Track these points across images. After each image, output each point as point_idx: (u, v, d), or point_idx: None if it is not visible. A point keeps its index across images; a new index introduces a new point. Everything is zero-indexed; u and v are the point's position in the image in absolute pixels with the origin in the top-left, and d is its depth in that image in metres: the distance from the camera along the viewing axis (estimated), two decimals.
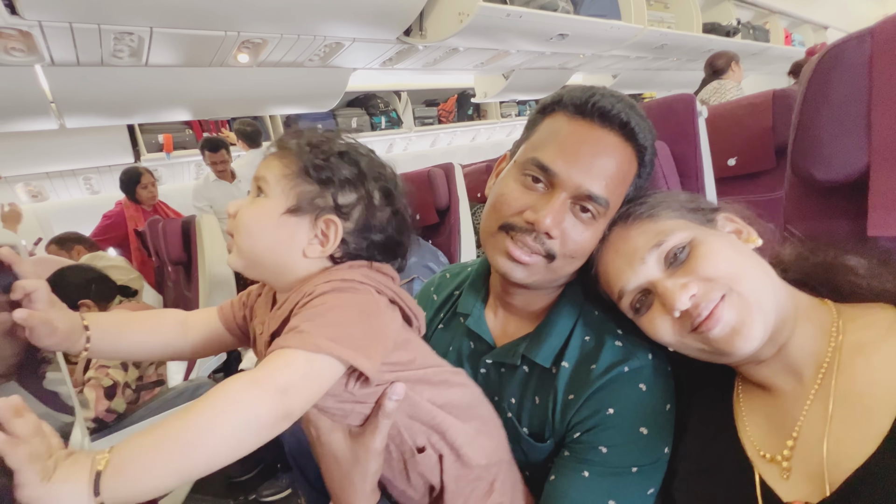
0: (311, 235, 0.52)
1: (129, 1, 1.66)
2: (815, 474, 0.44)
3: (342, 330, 0.45)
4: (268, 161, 0.54)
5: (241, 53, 2.31)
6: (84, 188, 3.59)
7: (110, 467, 0.35)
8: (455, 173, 1.65)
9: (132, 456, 0.36)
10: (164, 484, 0.37)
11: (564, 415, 0.59)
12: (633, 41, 3.22)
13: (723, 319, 0.48)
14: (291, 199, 0.51)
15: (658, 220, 0.56)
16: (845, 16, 5.51)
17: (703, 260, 0.50)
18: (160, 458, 0.37)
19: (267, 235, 0.51)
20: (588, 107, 0.57)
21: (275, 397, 0.40)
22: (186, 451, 0.37)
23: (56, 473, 0.34)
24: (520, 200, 0.59)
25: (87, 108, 2.37)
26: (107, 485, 0.34)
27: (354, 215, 0.53)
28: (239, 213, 0.52)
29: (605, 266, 0.58)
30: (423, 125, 4.91)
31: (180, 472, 0.37)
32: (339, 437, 0.55)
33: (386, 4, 2.18)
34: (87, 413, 1.37)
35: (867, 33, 0.52)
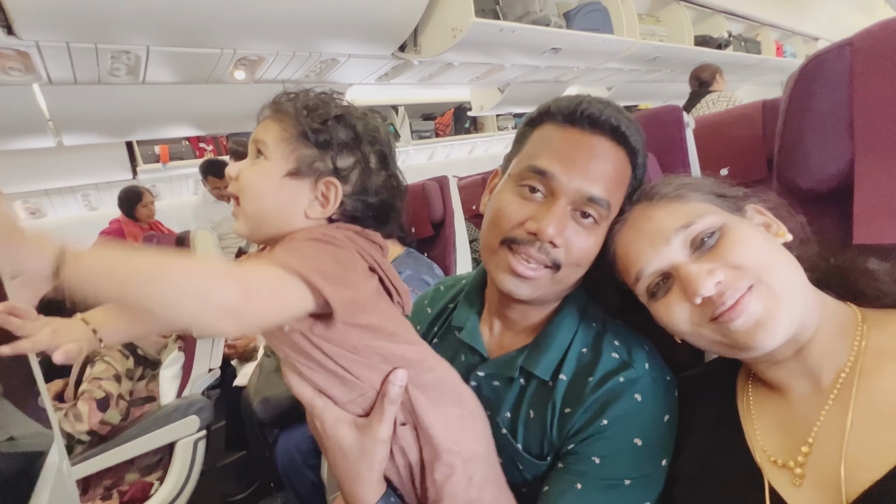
0: (312, 197, 0.53)
1: (125, 20, 1.68)
2: (830, 483, 0.42)
3: (315, 263, 0.46)
4: (265, 124, 0.54)
5: (237, 70, 2.34)
6: (82, 205, 3.60)
7: (72, 255, 0.36)
8: (450, 186, 1.65)
9: (98, 258, 0.37)
10: (105, 293, 0.38)
11: (561, 428, 0.58)
12: (625, 54, 3.26)
13: (747, 311, 0.45)
14: (291, 162, 0.52)
15: (686, 201, 0.53)
16: (835, 27, 5.60)
17: (734, 246, 0.48)
18: (120, 270, 0.38)
19: (270, 197, 0.52)
20: (577, 114, 0.58)
21: (237, 292, 0.40)
22: (140, 276, 0.38)
23: (25, 238, 0.35)
24: (519, 212, 0.58)
25: (85, 125, 2.39)
26: (65, 266, 0.35)
27: (352, 178, 0.54)
28: (241, 176, 0.53)
29: (625, 246, 0.55)
30: (420, 139, 4.95)
31: (124, 293, 0.38)
32: (345, 428, 0.54)
33: (380, 21, 2.21)
34: (80, 426, 1.36)
35: (847, 44, 0.52)
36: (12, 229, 0.35)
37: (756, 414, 0.52)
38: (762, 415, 0.51)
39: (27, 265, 0.35)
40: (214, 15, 1.80)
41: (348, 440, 0.54)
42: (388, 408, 0.53)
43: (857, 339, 0.46)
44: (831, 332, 0.47)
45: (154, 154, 3.43)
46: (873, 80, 0.50)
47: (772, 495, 0.46)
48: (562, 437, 0.58)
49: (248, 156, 0.55)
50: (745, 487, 0.48)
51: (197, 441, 1.56)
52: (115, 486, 1.46)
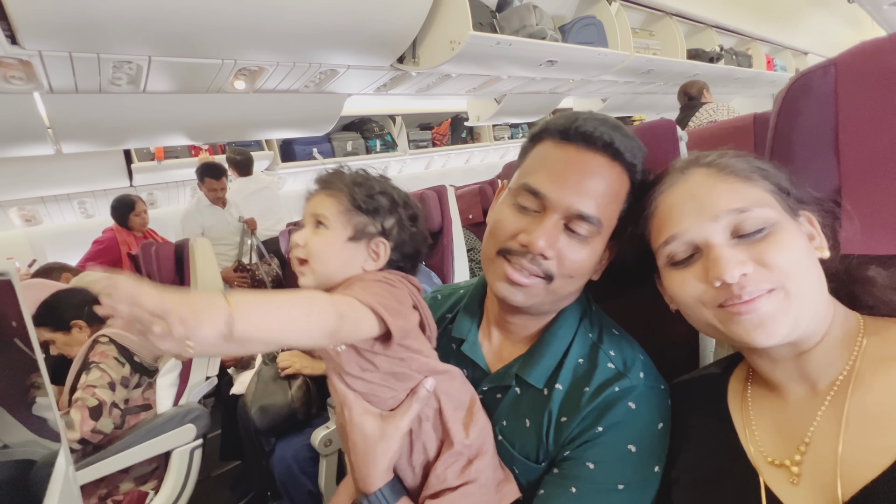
0: (366, 254, 0.65)
1: (128, 31, 1.70)
2: (826, 482, 0.44)
3: (380, 299, 0.57)
4: (320, 199, 0.66)
5: (237, 80, 2.36)
6: (78, 212, 3.59)
7: (240, 313, 0.41)
8: (447, 195, 1.67)
9: (252, 307, 0.43)
10: (267, 337, 0.44)
11: (558, 436, 0.60)
12: (620, 67, 3.32)
13: (758, 311, 0.46)
14: (350, 229, 0.64)
15: (753, 185, 0.50)
16: (824, 42, 5.73)
17: (776, 247, 0.47)
18: (269, 314, 0.45)
19: (335, 259, 0.64)
20: (571, 131, 0.60)
21: (335, 316, 0.51)
22: (284, 314, 0.46)
23: (195, 314, 0.38)
24: (514, 225, 0.61)
25: (84, 133, 2.40)
26: (239, 327, 0.40)
27: (393, 235, 0.67)
28: (309, 244, 0.64)
29: (670, 206, 0.53)
30: (417, 148, 4.99)
31: (274, 332, 0.45)
32: (371, 419, 0.61)
33: (380, 33, 2.25)
34: (72, 434, 1.35)
35: (831, 64, 0.54)
36: (198, 308, 0.39)
37: (754, 415, 0.53)
38: (760, 416, 0.53)
39: (204, 336, 0.38)
40: (216, 26, 1.82)
41: (371, 427, 0.61)
42: (414, 405, 0.61)
43: (857, 347, 0.47)
44: (835, 339, 0.48)
45: (149, 153, 3.43)
46: (857, 99, 0.52)
47: (768, 495, 0.47)
48: (558, 445, 0.60)
49: (307, 226, 0.66)
50: (740, 489, 0.49)
51: (193, 450, 1.55)
52: (109, 495, 1.45)
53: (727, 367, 0.60)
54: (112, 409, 1.43)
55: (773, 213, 0.48)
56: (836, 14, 5.04)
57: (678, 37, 3.64)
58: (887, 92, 0.50)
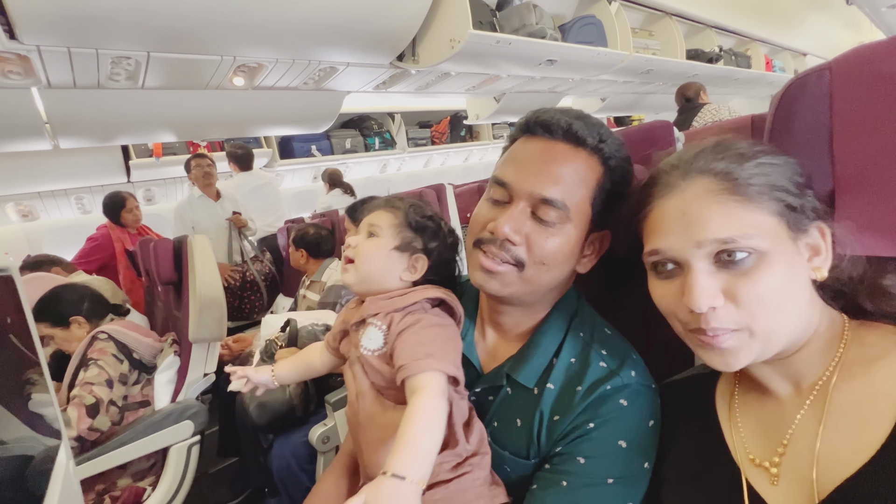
0: (406, 266, 0.72)
1: (127, 26, 1.70)
2: (804, 481, 0.45)
3: (441, 353, 0.63)
4: (379, 213, 0.74)
5: (236, 77, 2.36)
6: (76, 208, 3.58)
7: (420, 479, 0.51)
8: (447, 194, 1.67)
9: (422, 460, 0.53)
10: (431, 459, 0.55)
11: (550, 435, 0.61)
12: (619, 67, 3.32)
13: (720, 346, 0.47)
14: (398, 240, 0.71)
15: (751, 206, 0.46)
16: (823, 43, 5.74)
17: (753, 281, 0.45)
18: (428, 446, 0.55)
19: (379, 262, 0.71)
20: (531, 124, 0.63)
21: (442, 396, 0.60)
22: (433, 434, 0.56)
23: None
24: (486, 216, 0.64)
25: (82, 129, 2.39)
26: (410, 475, 0.50)
27: (433, 255, 0.73)
28: (360, 246, 0.72)
29: (661, 215, 0.51)
30: (416, 146, 4.99)
31: (434, 448, 0.56)
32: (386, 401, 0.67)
33: (380, 31, 2.25)
34: (69, 432, 1.35)
35: (826, 68, 0.55)
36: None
37: (741, 414, 0.54)
38: (746, 415, 0.54)
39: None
40: (215, 22, 1.82)
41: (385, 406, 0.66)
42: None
43: (840, 349, 0.48)
44: (819, 343, 0.49)
45: (147, 149, 3.42)
46: (851, 102, 0.53)
47: (750, 493, 0.48)
48: (550, 442, 0.61)
49: (361, 233, 0.74)
50: (724, 487, 0.50)
51: (191, 446, 1.56)
52: (107, 491, 1.45)
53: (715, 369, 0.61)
54: (109, 407, 1.44)
55: (764, 243, 0.45)
56: (835, 16, 5.06)
57: (678, 37, 3.65)
58: (881, 96, 0.51)
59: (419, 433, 0.55)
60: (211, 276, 1.68)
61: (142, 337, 1.65)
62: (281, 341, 1.55)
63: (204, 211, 3.09)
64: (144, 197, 3.77)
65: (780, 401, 0.51)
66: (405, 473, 0.50)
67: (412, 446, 0.54)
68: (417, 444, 0.54)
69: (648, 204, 0.54)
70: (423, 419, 0.56)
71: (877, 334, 0.48)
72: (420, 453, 0.53)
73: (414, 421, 0.56)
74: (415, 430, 0.55)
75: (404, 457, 0.52)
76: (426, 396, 0.58)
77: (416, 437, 0.55)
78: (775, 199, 0.47)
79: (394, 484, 0.49)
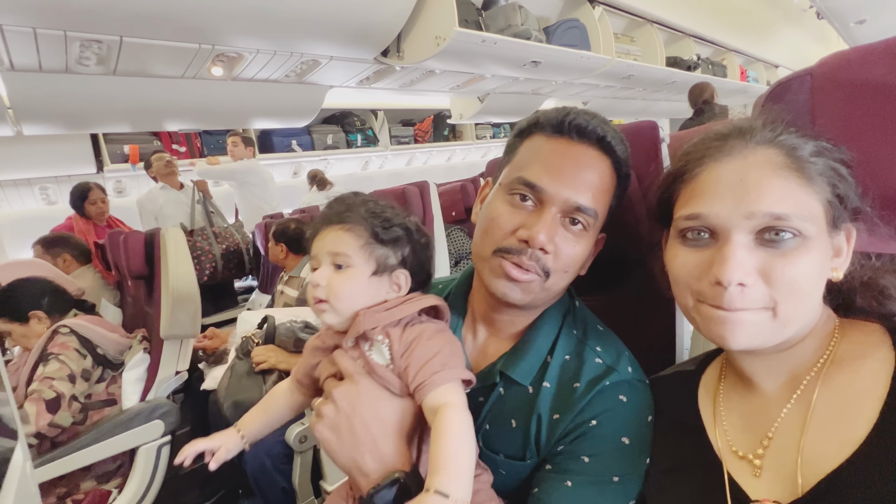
0: (389, 286, 0.65)
1: (98, 8, 1.62)
2: (787, 475, 0.45)
3: (453, 361, 0.60)
4: (337, 236, 0.62)
5: (215, 66, 2.29)
6: (40, 198, 3.41)
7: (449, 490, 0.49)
8: (430, 191, 1.66)
9: (459, 478, 0.51)
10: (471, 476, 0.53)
11: (551, 434, 0.60)
12: (601, 71, 3.37)
13: (738, 322, 0.45)
14: (372, 264, 0.62)
15: (811, 189, 0.45)
16: (794, 56, 5.97)
17: (791, 265, 0.44)
18: (466, 467, 0.53)
19: (362, 297, 0.62)
20: (565, 125, 0.60)
21: (467, 409, 0.57)
22: (468, 452, 0.54)
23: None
24: (511, 221, 0.60)
25: (48, 115, 2.28)
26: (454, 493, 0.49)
27: (409, 262, 0.66)
28: (331, 285, 0.61)
29: (714, 178, 0.48)
30: (399, 144, 4.95)
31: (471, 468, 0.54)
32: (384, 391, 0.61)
33: (365, 25, 2.22)
34: (27, 428, 1.28)
35: (808, 73, 0.56)
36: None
37: (724, 409, 0.55)
38: (730, 410, 0.54)
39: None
40: (194, 8, 1.76)
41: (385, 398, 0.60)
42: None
43: (830, 347, 0.49)
44: (814, 339, 0.50)
45: (123, 154, 3.30)
46: (831, 108, 0.54)
47: (731, 486, 0.49)
48: (551, 442, 0.60)
49: (324, 265, 0.63)
50: (706, 480, 0.51)
51: (161, 447, 1.50)
52: (69, 494, 1.39)
53: (701, 364, 0.62)
54: (71, 402, 1.37)
55: (811, 229, 0.44)
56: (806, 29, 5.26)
57: (658, 44, 3.73)
58: (860, 102, 0.52)
59: (456, 450, 0.53)
60: (185, 270, 1.62)
61: (107, 332, 1.58)
62: (258, 338, 1.51)
63: (166, 201, 3.04)
64: (115, 189, 3.63)
65: (765, 396, 0.52)
66: (449, 492, 0.48)
67: (453, 464, 0.51)
68: (458, 461, 0.52)
69: (698, 165, 0.50)
70: (457, 435, 0.54)
71: (863, 332, 0.49)
72: (462, 472, 0.51)
73: (449, 437, 0.53)
74: (452, 446, 0.53)
75: (446, 475, 0.50)
76: (455, 411, 0.56)
77: (455, 454, 0.52)
78: (830, 184, 0.46)
79: (439, 501, 0.48)
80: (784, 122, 0.49)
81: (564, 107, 0.63)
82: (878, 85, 0.50)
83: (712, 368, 0.60)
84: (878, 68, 0.51)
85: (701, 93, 3.15)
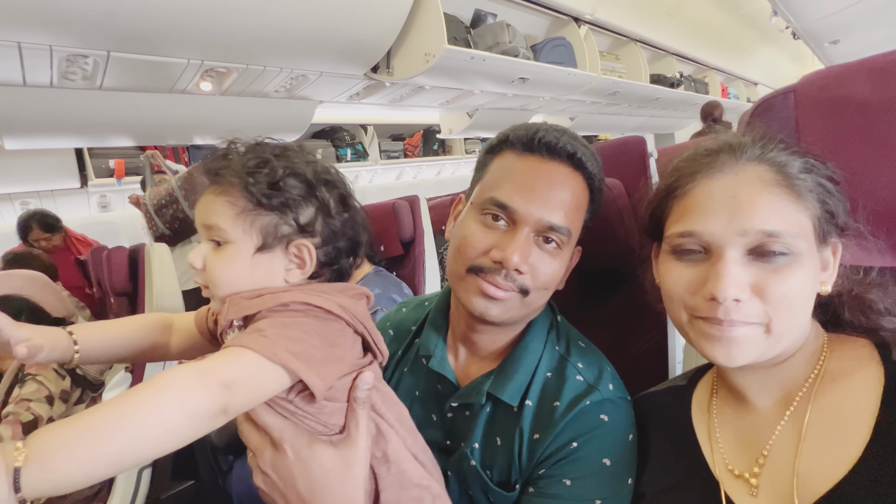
0: (287, 262, 0.51)
1: (85, 23, 1.61)
2: (783, 493, 0.45)
3: (302, 346, 0.45)
4: (209, 203, 0.50)
5: (203, 81, 2.28)
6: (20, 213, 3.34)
7: (31, 461, 0.32)
8: (420, 206, 1.66)
9: (56, 445, 0.33)
10: (93, 473, 0.34)
11: (531, 454, 0.58)
12: (587, 87, 3.44)
13: (732, 336, 0.45)
14: (256, 237, 0.49)
15: (801, 205, 0.45)
16: (772, 74, 6.19)
17: (784, 280, 0.44)
18: (89, 445, 0.34)
19: (245, 280, 0.50)
20: (535, 142, 0.60)
21: (218, 391, 0.40)
22: (119, 437, 0.35)
23: None
24: (484, 241, 0.59)
25: (31, 129, 2.24)
26: (28, 479, 0.31)
27: (318, 229, 0.52)
28: (208, 266, 0.50)
29: (705, 195, 0.48)
30: (389, 158, 4.97)
31: (110, 460, 0.35)
32: (322, 446, 0.49)
33: (354, 41, 2.24)
34: None
35: (791, 90, 0.58)
36: None
37: (718, 426, 0.54)
38: (725, 427, 0.54)
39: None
40: (182, 24, 1.76)
41: (328, 456, 0.49)
42: (360, 412, 0.51)
43: (820, 362, 0.49)
44: (804, 355, 0.50)
45: (108, 168, 3.24)
46: (814, 123, 0.55)
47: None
48: (532, 463, 0.58)
49: (203, 240, 0.51)
50: (703, 500, 0.50)
51: (141, 471, 1.45)
52: None
53: (692, 379, 0.61)
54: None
55: (802, 245, 0.45)
56: (783, 49, 5.45)
57: (642, 62, 3.83)
58: (842, 118, 0.53)
59: (110, 416, 0.36)
60: (170, 287, 1.59)
61: None
62: None
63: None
64: (99, 203, 3.56)
65: (758, 412, 0.51)
66: (28, 479, 0.32)
67: (87, 421, 0.35)
68: (92, 427, 0.35)
69: (690, 181, 0.50)
70: (148, 391, 0.37)
71: (852, 347, 0.49)
72: (88, 439, 0.35)
73: (126, 397, 0.37)
74: (112, 408, 0.37)
75: (52, 445, 0.34)
76: (194, 375, 0.39)
77: (103, 418, 0.36)
78: (819, 200, 0.46)
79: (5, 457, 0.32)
80: (772, 139, 0.50)
81: (534, 123, 0.63)
82: (860, 101, 0.52)
83: (704, 383, 0.60)
84: (859, 85, 0.52)
85: (711, 110, 3.51)
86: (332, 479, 0.48)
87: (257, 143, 0.53)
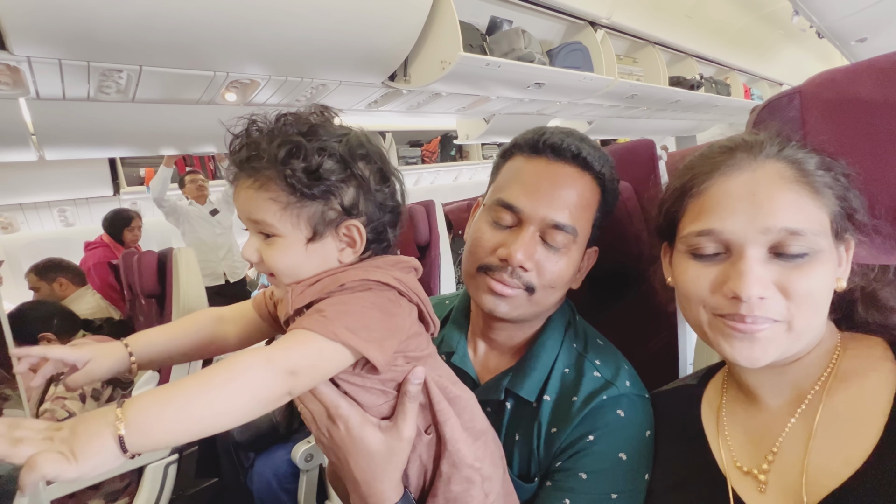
0: (338, 243, 0.53)
1: (120, 40, 1.70)
2: (792, 490, 0.45)
3: (361, 321, 0.47)
4: (250, 199, 0.50)
5: (229, 93, 2.37)
6: (59, 220, 3.51)
7: (131, 427, 0.36)
8: (435, 210, 1.69)
9: (150, 413, 0.38)
10: (176, 438, 0.40)
11: (549, 448, 0.60)
12: (605, 91, 3.41)
13: (755, 337, 0.45)
14: (305, 229, 0.51)
15: (820, 202, 0.45)
16: (798, 74, 6.00)
17: (807, 277, 0.44)
18: (175, 414, 0.39)
19: (304, 268, 0.52)
20: (540, 145, 0.63)
21: (283, 376, 0.43)
22: (198, 410, 0.39)
23: (78, 450, 0.34)
24: (492, 240, 0.63)
25: (70, 140, 2.37)
26: (131, 442, 0.36)
27: (361, 207, 0.53)
28: (265, 258, 0.52)
29: (723, 193, 0.47)
30: (406, 164, 5.03)
31: (190, 429, 0.39)
32: (371, 430, 0.52)
33: (372, 51, 2.29)
34: None
35: (796, 92, 0.58)
36: (79, 441, 0.35)
37: (728, 423, 0.54)
38: (734, 425, 0.54)
39: (91, 468, 0.35)
40: (210, 39, 1.84)
41: (376, 441, 0.52)
42: (409, 406, 0.53)
43: (833, 361, 0.49)
44: (818, 354, 0.50)
45: (139, 177, 3.41)
46: (820, 124, 0.56)
47: (736, 502, 0.48)
48: (549, 456, 0.60)
49: (251, 232, 0.53)
50: (710, 496, 0.51)
51: (168, 466, 1.50)
52: None
53: (703, 378, 0.62)
54: None
55: (823, 242, 0.44)
56: (808, 48, 5.30)
57: (660, 64, 3.78)
58: (848, 118, 0.53)
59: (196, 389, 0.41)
60: (196, 290, 1.65)
61: None
62: None
63: (193, 215, 3.28)
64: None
65: (769, 410, 0.52)
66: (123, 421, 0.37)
67: (172, 396, 0.40)
68: (181, 397, 0.40)
69: (706, 179, 0.49)
70: (224, 373, 0.41)
71: (866, 346, 0.49)
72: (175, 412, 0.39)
73: (210, 373, 0.41)
74: (196, 382, 0.41)
75: (150, 400, 0.39)
76: (259, 358, 0.42)
77: (190, 390, 0.40)
78: (837, 197, 0.46)
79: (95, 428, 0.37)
80: (786, 137, 0.51)
81: (542, 127, 0.65)
82: (865, 102, 0.52)
83: (714, 382, 0.60)
84: (865, 86, 0.53)
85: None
86: (375, 460, 0.53)
87: (278, 118, 0.54)
